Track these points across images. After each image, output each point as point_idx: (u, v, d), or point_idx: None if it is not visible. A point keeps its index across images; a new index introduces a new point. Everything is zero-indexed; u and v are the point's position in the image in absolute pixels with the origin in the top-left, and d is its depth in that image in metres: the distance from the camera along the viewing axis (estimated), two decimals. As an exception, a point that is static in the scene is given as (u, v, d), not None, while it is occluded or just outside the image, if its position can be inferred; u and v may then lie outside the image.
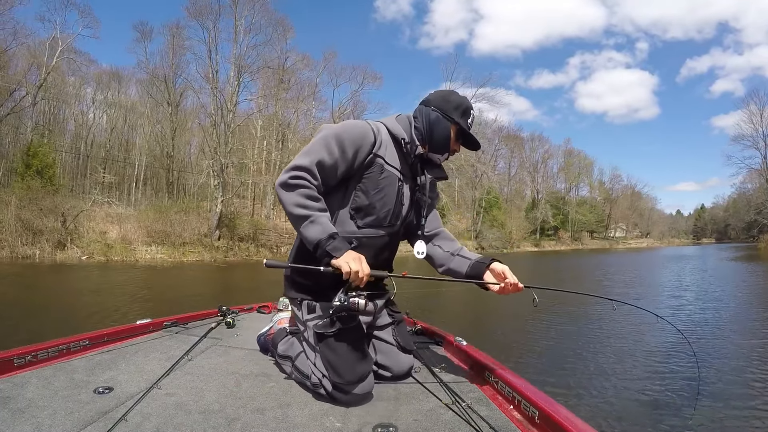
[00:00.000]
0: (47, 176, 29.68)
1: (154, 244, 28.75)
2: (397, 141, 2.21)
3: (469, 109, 2.27)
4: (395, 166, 2.19)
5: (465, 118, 2.25)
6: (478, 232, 55.26)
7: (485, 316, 11.98)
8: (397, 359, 2.30)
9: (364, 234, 2.17)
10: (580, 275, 25.51)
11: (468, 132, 2.27)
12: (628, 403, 5.47)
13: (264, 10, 38.91)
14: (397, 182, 2.19)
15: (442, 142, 2.23)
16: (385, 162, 2.15)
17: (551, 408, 1.65)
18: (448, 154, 2.30)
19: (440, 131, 2.22)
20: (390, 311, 2.43)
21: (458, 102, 2.25)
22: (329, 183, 2.10)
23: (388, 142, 2.19)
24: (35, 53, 37.15)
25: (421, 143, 2.24)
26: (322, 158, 2.02)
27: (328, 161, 2.03)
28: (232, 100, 35.89)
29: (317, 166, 2.01)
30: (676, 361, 7.08)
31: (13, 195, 26.18)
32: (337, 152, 2.03)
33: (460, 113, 2.23)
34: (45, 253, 24.89)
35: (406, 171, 2.25)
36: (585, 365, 6.98)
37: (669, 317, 10.35)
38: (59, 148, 37.66)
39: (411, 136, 2.22)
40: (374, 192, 2.14)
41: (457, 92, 2.34)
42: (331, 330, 2.06)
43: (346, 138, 2.05)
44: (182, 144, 44.40)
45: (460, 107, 2.24)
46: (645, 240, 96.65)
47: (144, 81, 43.06)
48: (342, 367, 1.97)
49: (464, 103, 2.27)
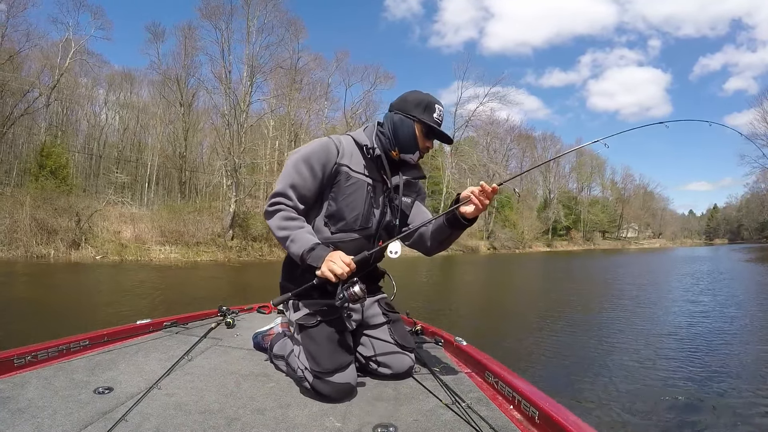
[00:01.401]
0: (61, 176, 29.92)
1: (168, 244, 28.73)
2: (360, 147, 2.31)
3: (432, 104, 2.31)
4: (362, 172, 2.28)
5: (429, 114, 2.29)
6: (490, 232, 55.01)
7: (494, 316, 11.82)
8: (397, 358, 2.31)
9: (338, 239, 2.27)
10: (592, 277, 25.24)
11: (433, 126, 2.30)
12: (637, 406, 5.38)
13: (276, 11, 39.01)
14: (366, 187, 2.27)
15: (408, 142, 2.30)
16: (350, 170, 2.25)
17: (551, 408, 1.65)
18: (419, 152, 2.35)
19: (404, 132, 2.29)
20: (384, 310, 2.45)
21: (418, 100, 2.32)
22: (309, 200, 2.27)
23: (353, 152, 2.29)
24: (48, 55, 37.53)
25: (389, 147, 2.32)
26: (294, 181, 2.20)
27: (299, 182, 2.20)
28: (245, 100, 35.90)
29: (291, 189, 2.20)
30: (691, 367, 6.91)
31: (27, 195, 26.25)
32: (306, 172, 2.19)
33: (421, 110, 2.29)
34: (59, 253, 24.91)
35: (377, 175, 2.33)
36: (596, 370, 6.85)
37: (686, 323, 10.18)
38: (72, 149, 37.90)
39: (373, 142, 2.30)
40: (342, 198, 2.24)
41: (420, 91, 2.38)
42: (312, 322, 2.16)
43: (311, 157, 2.20)
44: (194, 144, 44.62)
45: (420, 104, 2.30)
46: (657, 240, 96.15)
47: (156, 82, 43.38)
48: (320, 356, 2.04)
49: (425, 100, 2.31)
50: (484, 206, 2.16)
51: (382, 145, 2.33)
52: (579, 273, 26.90)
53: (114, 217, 29.73)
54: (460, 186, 53.15)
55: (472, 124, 54.02)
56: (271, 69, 38.67)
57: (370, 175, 2.30)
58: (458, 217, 2.24)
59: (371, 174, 2.30)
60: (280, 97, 39.21)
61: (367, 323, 2.40)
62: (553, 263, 37.14)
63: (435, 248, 2.48)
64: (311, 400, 1.97)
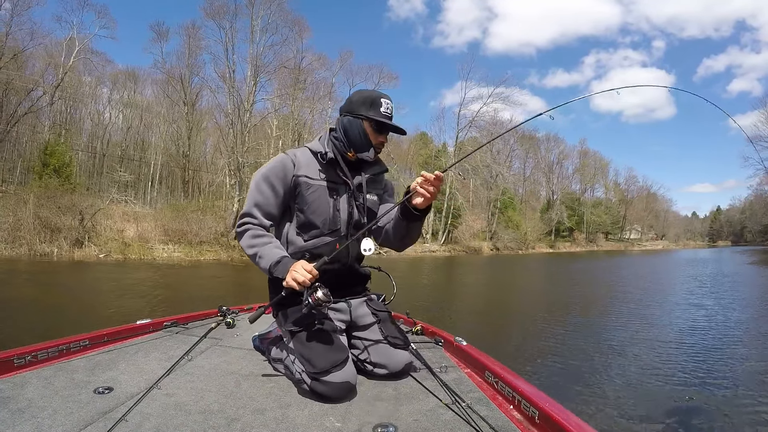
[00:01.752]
0: (64, 175, 29.90)
1: (171, 243, 28.78)
2: (315, 154, 2.38)
3: (377, 99, 2.33)
4: (320, 178, 2.34)
5: (375, 109, 2.32)
6: (493, 233, 54.99)
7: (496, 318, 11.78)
8: (391, 355, 2.31)
9: (312, 245, 2.34)
10: (595, 279, 25.15)
11: (380, 121, 2.32)
12: (638, 408, 5.35)
13: (280, 10, 39.06)
14: (328, 192, 2.33)
15: (360, 141, 2.34)
16: (309, 178, 2.31)
17: (551, 408, 1.65)
18: (374, 149, 2.38)
19: (354, 132, 2.33)
20: (373, 310, 2.47)
21: (363, 98, 2.35)
22: (275, 215, 2.36)
23: (310, 162, 2.35)
24: (52, 53, 37.66)
25: (344, 149, 2.37)
26: (257, 200, 2.31)
27: (262, 200, 2.30)
28: (249, 100, 35.93)
29: (256, 208, 2.31)
30: (694, 371, 6.83)
31: (31, 193, 26.33)
32: (268, 190, 2.30)
33: (367, 107, 2.32)
34: (63, 251, 24.98)
35: (336, 178, 2.36)
36: (598, 372, 6.77)
37: (690, 327, 10.10)
38: (76, 147, 37.92)
39: (326, 148, 2.36)
40: (307, 207, 2.31)
41: (366, 89, 2.47)
42: (302, 326, 2.20)
43: (270, 175, 2.30)
44: (198, 143, 44.58)
45: (366, 102, 2.33)
46: (660, 242, 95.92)
47: (160, 81, 43.46)
48: (314, 357, 2.04)
49: (370, 96, 2.35)
50: (431, 194, 2.19)
51: (337, 148, 2.38)
52: (582, 275, 26.77)
53: (117, 216, 29.78)
54: (463, 186, 53.12)
55: (476, 125, 53.83)
56: (275, 68, 38.73)
57: (329, 179, 2.35)
58: (410, 210, 2.27)
59: (330, 178, 2.35)
60: (284, 97, 39.22)
61: (356, 324, 2.42)
62: (555, 265, 37.01)
63: (399, 243, 2.51)
64: (311, 401, 1.97)
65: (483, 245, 51.53)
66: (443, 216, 49.00)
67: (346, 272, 2.43)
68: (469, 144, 53.55)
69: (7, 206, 25.58)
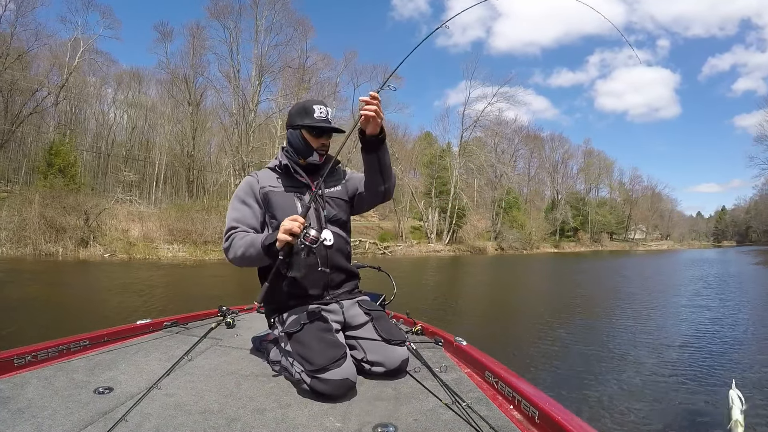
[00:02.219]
0: (69, 175, 29.98)
1: (176, 243, 28.81)
2: (274, 169, 2.60)
3: (309, 107, 2.52)
4: (281, 186, 2.53)
5: (309, 116, 2.49)
6: (497, 233, 54.82)
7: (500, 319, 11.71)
8: (387, 352, 2.32)
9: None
10: (600, 279, 25.05)
11: (315, 126, 2.49)
12: (641, 411, 5.34)
13: (284, 10, 39.14)
14: (293, 197, 2.50)
15: (303, 148, 2.53)
16: (271, 188, 2.51)
17: (551, 408, 1.65)
18: (317, 153, 2.54)
19: (296, 142, 2.54)
20: (365, 309, 2.50)
21: (297, 109, 2.56)
22: (256, 226, 2.50)
23: (269, 176, 2.57)
24: (57, 54, 37.85)
25: (295, 158, 2.57)
26: (235, 216, 2.49)
27: (240, 215, 2.48)
28: (254, 100, 35.97)
29: (235, 221, 2.47)
30: (698, 374, 6.78)
31: (36, 193, 26.44)
32: (241, 206, 2.50)
33: (302, 117, 2.51)
34: (68, 251, 25.06)
35: (296, 183, 2.55)
36: (601, 374, 6.75)
37: (695, 329, 10.00)
38: (81, 147, 38.01)
39: (280, 161, 2.57)
40: (275, 212, 2.48)
41: (301, 100, 2.73)
42: (296, 327, 2.24)
43: (240, 194, 2.53)
44: (202, 143, 44.71)
45: (300, 112, 2.53)
46: (665, 242, 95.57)
47: (164, 81, 43.61)
48: (312, 355, 2.06)
49: (303, 106, 2.55)
50: (375, 113, 2.31)
51: (289, 158, 2.57)
52: (586, 275, 26.64)
53: (122, 216, 29.87)
54: (467, 186, 53.03)
55: (480, 124, 53.78)
56: (279, 68, 38.80)
57: (289, 185, 2.54)
58: (367, 140, 2.41)
59: (290, 184, 2.54)
60: (288, 97, 39.24)
61: (350, 324, 2.44)
62: (560, 265, 36.87)
63: (378, 182, 2.57)
64: (311, 400, 1.97)
65: (487, 245, 51.37)
66: (448, 216, 48.95)
67: (333, 268, 2.51)
68: (474, 144, 53.54)
69: (12, 206, 25.68)
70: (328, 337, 2.18)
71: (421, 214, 50.55)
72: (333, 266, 2.50)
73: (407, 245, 44.42)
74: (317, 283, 2.43)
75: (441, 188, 50.13)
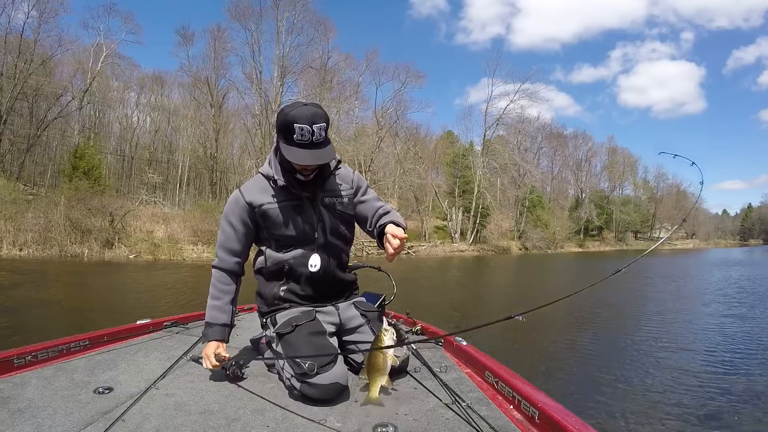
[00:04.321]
0: (94, 177, 30.39)
1: (200, 243, 28.89)
2: (268, 179, 2.36)
3: (290, 124, 2.16)
4: (279, 200, 2.33)
5: (288, 137, 2.18)
6: (521, 232, 54.31)
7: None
8: None
9: (291, 256, 2.34)
10: (625, 282, 24.41)
11: (291, 147, 2.20)
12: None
13: (305, 11, 39.22)
14: (293, 209, 2.32)
15: (287, 164, 2.28)
16: (267, 204, 2.32)
17: (551, 408, 1.64)
18: (300, 174, 2.32)
19: (281, 157, 2.29)
20: (362, 312, 2.44)
21: (279, 122, 2.23)
22: (241, 249, 2.44)
23: (264, 188, 2.35)
24: (80, 59, 38.49)
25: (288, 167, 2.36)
26: (221, 240, 2.43)
27: (225, 239, 2.41)
28: (276, 101, 36.01)
29: (220, 249, 2.44)
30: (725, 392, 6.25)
31: (61, 196, 26.77)
32: (228, 228, 2.39)
33: (283, 134, 2.20)
34: (93, 252, 25.26)
35: (292, 195, 2.34)
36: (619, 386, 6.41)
37: (723, 338, 9.46)
38: (105, 150, 38.49)
39: (274, 171, 2.33)
40: (276, 228, 2.33)
41: (287, 106, 2.27)
42: (288, 329, 2.18)
43: (228, 214, 2.38)
44: (225, 145, 44.99)
45: (281, 128, 2.20)
46: (691, 241, 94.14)
47: (186, 84, 43.98)
48: (302, 359, 2.01)
49: (284, 121, 2.18)
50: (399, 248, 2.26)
51: (283, 168, 2.35)
52: (614, 280, 25.85)
53: (146, 217, 30.20)
54: (490, 185, 52.56)
55: (503, 122, 53.38)
56: (301, 69, 38.82)
57: (286, 198, 2.34)
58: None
59: (288, 197, 2.34)
60: (310, 97, 39.22)
61: (345, 327, 2.39)
62: (584, 265, 35.88)
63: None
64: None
65: (511, 245, 50.91)
66: (472, 215, 48.54)
67: (329, 280, 2.41)
68: (496, 142, 53.11)
69: (38, 208, 25.96)
70: (319, 341, 2.16)
71: (445, 213, 50.21)
72: (327, 280, 2.40)
73: (431, 245, 44.13)
74: (311, 293, 2.38)
75: (464, 187, 49.88)
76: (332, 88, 42.08)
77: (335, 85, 42.99)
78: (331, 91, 41.48)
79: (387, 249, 2.24)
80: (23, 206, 26.07)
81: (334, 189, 2.43)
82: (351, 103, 44.42)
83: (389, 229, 2.28)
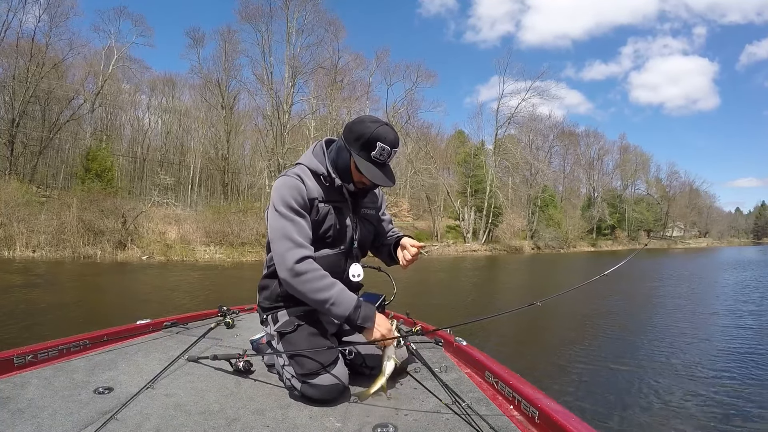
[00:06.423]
0: (106, 179, 30.67)
1: (213, 244, 28.96)
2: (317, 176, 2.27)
3: (374, 141, 2.11)
4: (325, 199, 2.25)
5: (366, 151, 2.13)
6: (533, 232, 53.95)
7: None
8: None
9: (319, 254, 2.22)
10: (637, 282, 24.07)
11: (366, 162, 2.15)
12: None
13: (315, 11, 39.27)
14: (332, 211, 2.25)
15: (343, 171, 2.24)
16: (318, 201, 2.23)
17: (551, 408, 1.65)
18: (353, 185, 2.26)
19: (340, 159, 2.23)
20: None
21: (359, 133, 2.13)
22: (312, 237, 2.21)
23: (314, 182, 2.25)
24: (91, 62, 38.80)
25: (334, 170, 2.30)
26: (293, 230, 2.13)
27: (298, 229, 2.14)
28: (288, 101, 36.01)
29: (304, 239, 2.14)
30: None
31: (74, 197, 26.95)
32: (298, 218, 2.15)
33: (359, 145, 2.13)
34: (106, 253, 25.33)
35: (339, 197, 2.29)
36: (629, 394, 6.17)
37: (739, 343, 9.14)
38: (117, 152, 38.70)
39: (325, 169, 2.26)
40: (320, 224, 2.23)
41: (370, 120, 2.19)
42: (290, 328, 2.17)
43: (290, 201, 2.15)
44: (236, 146, 45.13)
45: (360, 138, 2.12)
46: (704, 239, 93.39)
47: (197, 85, 44.19)
48: (302, 359, 2.01)
49: (366, 134, 2.11)
50: (407, 261, 2.39)
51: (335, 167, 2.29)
52: (624, 277, 25.40)
53: (158, 218, 30.31)
54: (502, 184, 52.30)
55: (515, 121, 53.08)
56: (312, 69, 38.83)
57: (332, 198, 2.27)
58: (393, 257, 2.50)
59: (333, 197, 2.27)
60: (321, 97, 39.29)
61: (344, 328, 2.39)
62: (596, 265, 35.21)
63: (388, 263, 2.60)
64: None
65: (524, 244, 50.60)
66: (484, 215, 48.26)
67: (345, 285, 2.32)
68: (508, 141, 52.82)
69: (51, 210, 26.12)
70: (320, 341, 2.14)
71: (457, 213, 49.98)
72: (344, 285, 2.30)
73: (443, 245, 43.92)
74: None
75: (476, 187, 49.61)
76: (343, 87, 42.05)
77: (346, 85, 42.99)
78: (341, 90, 41.43)
79: (404, 256, 2.36)
80: (36, 208, 26.21)
81: (368, 202, 2.45)
82: (362, 103, 44.28)
83: (406, 241, 2.41)
